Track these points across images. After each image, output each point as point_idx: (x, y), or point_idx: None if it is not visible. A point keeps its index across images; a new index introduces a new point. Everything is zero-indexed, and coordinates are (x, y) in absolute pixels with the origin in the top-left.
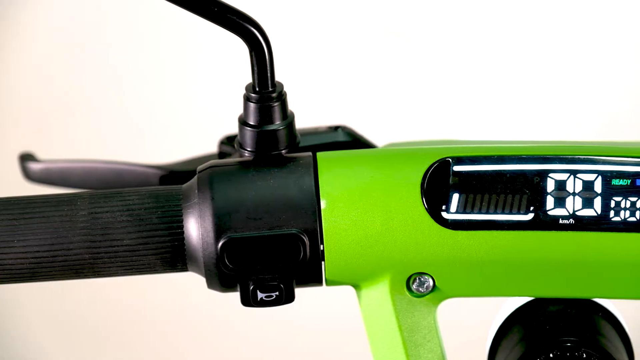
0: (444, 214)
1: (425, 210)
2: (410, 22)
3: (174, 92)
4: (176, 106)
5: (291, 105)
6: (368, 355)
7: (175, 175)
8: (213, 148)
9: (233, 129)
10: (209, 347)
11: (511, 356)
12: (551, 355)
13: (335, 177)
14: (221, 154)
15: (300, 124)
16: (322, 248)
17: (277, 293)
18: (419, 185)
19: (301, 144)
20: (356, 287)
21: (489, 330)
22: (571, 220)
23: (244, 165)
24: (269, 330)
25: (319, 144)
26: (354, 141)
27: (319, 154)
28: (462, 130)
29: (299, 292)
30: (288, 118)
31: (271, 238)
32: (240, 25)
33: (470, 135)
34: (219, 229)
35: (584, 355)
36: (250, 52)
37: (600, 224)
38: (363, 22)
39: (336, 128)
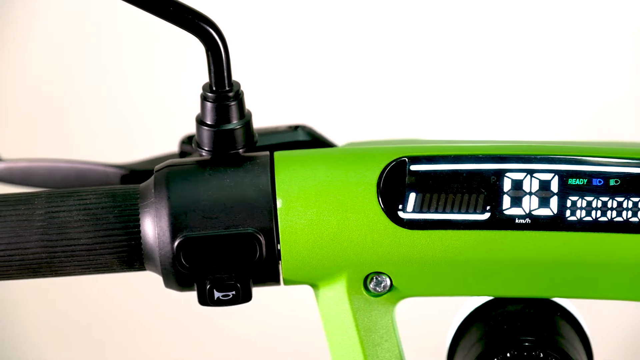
0: (400, 214)
1: (381, 209)
2: (391, 23)
3: (165, 89)
4: (170, 105)
5: (271, 105)
6: None
7: (136, 174)
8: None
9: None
10: (209, 347)
11: (469, 356)
12: (508, 354)
13: (292, 177)
14: (182, 153)
15: (279, 123)
16: (278, 247)
17: (233, 292)
18: (375, 185)
19: (261, 144)
20: (314, 286)
21: (449, 330)
22: (527, 220)
23: (200, 165)
24: (269, 331)
25: (279, 144)
26: (314, 140)
27: (276, 154)
28: (443, 130)
29: (297, 293)
30: (245, 117)
31: (227, 237)
32: (196, 24)
33: (451, 135)
34: (175, 228)
35: (541, 355)
36: (207, 51)
37: (556, 223)
38: (345, 22)
39: (296, 127)
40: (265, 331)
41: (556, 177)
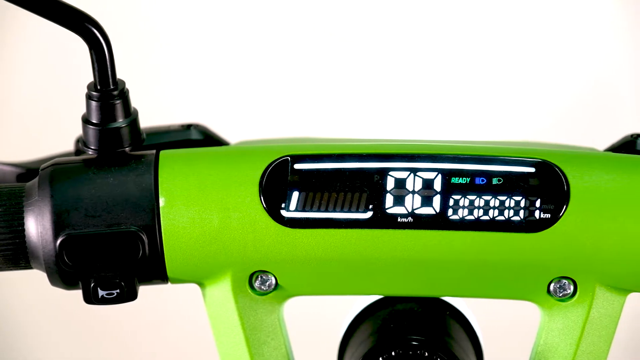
0: (283, 212)
1: (263, 208)
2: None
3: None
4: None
5: (216, 104)
6: None
7: (32, 172)
8: None
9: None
10: (210, 347)
11: (356, 354)
12: (394, 353)
13: (175, 175)
14: (77, 152)
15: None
16: (161, 246)
17: (118, 290)
18: (257, 184)
19: (153, 142)
20: (200, 285)
21: (340, 328)
22: (409, 219)
23: (85, 164)
24: None
25: (170, 142)
26: (207, 139)
27: (162, 152)
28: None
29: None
30: (131, 116)
31: (109, 236)
32: (79, 23)
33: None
34: (57, 227)
35: (426, 354)
36: (90, 50)
37: (437, 222)
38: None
39: (189, 126)
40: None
41: (439, 175)
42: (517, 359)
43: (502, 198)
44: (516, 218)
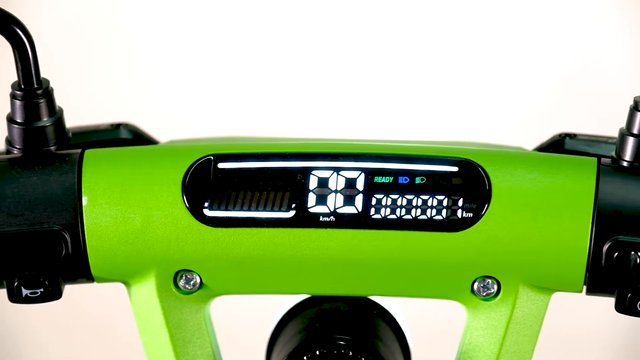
0: (206, 211)
1: (185, 207)
2: (306, 18)
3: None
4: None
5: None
6: None
7: None
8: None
9: None
10: None
11: (282, 354)
12: (318, 352)
13: (99, 174)
14: (9, 151)
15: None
16: (84, 244)
17: (41, 290)
18: (180, 183)
19: (81, 141)
20: (126, 284)
21: (269, 327)
22: (332, 218)
23: (10, 163)
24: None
25: (99, 141)
26: (136, 138)
27: (87, 151)
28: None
29: None
30: (56, 114)
31: (32, 234)
32: (1, 23)
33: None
34: None
35: (350, 354)
36: (13, 49)
37: (359, 221)
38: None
39: (118, 126)
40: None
41: (362, 175)
42: (445, 359)
43: (425, 197)
44: (438, 217)
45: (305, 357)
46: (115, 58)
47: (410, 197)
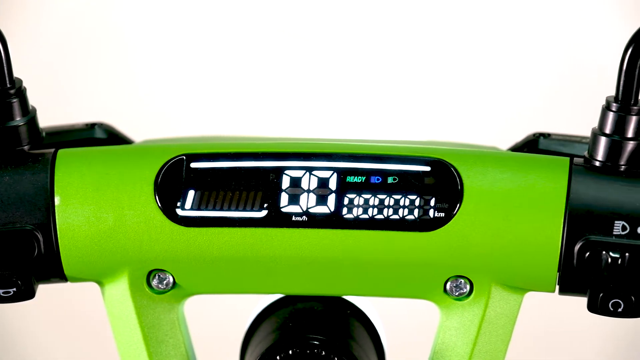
0: (178, 211)
1: (158, 207)
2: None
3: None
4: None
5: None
6: None
7: None
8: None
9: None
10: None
11: (255, 353)
12: (291, 352)
13: (71, 174)
14: None
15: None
16: (57, 244)
17: (14, 289)
18: (153, 183)
19: (56, 141)
20: (99, 283)
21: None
22: (304, 218)
23: None
24: None
25: (73, 141)
26: (111, 138)
27: (60, 151)
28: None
29: None
30: (29, 114)
31: (4, 234)
32: None
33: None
34: None
35: (323, 353)
36: None
37: (332, 221)
38: (252, 20)
39: (93, 125)
40: None
41: (335, 174)
42: (419, 358)
43: (397, 197)
44: (410, 217)
45: (278, 357)
46: (108, 58)
47: (382, 196)
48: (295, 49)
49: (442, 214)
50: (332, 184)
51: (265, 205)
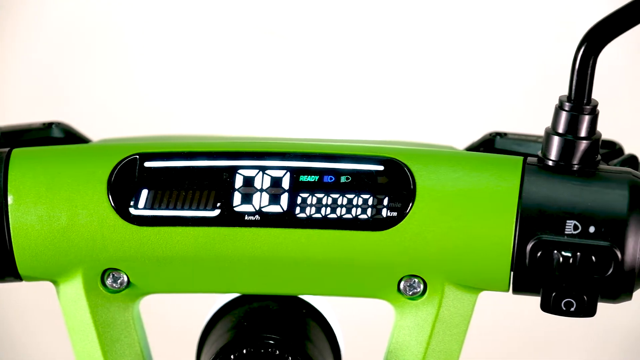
0: (131, 210)
1: (111, 206)
2: (285, 21)
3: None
4: None
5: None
6: None
7: None
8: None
9: None
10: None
11: (210, 352)
12: (245, 351)
13: (25, 173)
14: None
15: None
16: (10, 243)
17: None
18: (106, 182)
19: (13, 140)
20: (54, 282)
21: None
22: (257, 217)
23: None
24: None
25: (30, 140)
26: (68, 137)
27: (15, 150)
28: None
29: None
30: None
31: None
32: None
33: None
34: None
35: (277, 353)
36: None
37: (284, 220)
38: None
39: (50, 125)
40: None
41: (288, 174)
42: (376, 358)
43: (350, 196)
44: (363, 216)
45: (232, 356)
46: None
47: (335, 196)
48: (286, 50)
49: (395, 213)
50: (285, 183)
51: (218, 204)
